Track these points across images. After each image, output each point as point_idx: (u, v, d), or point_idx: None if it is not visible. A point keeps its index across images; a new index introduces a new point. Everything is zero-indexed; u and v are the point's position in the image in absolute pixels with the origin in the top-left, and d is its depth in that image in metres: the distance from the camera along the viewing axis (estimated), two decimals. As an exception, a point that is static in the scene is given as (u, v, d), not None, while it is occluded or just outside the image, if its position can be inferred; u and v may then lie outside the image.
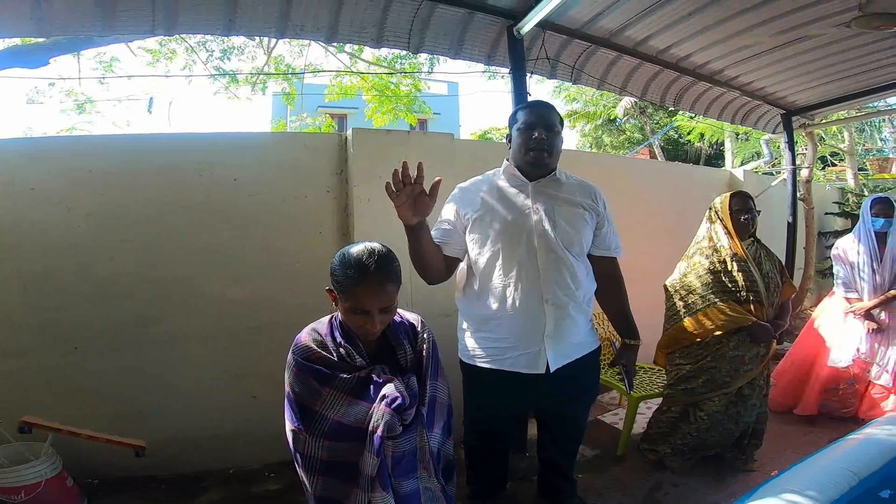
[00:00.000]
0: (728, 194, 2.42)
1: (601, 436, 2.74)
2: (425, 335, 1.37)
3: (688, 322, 2.32)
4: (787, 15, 2.69)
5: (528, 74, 2.90)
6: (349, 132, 2.53)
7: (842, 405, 2.86)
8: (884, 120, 9.14)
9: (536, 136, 1.60)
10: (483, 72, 8.56)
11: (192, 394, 2.35)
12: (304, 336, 1.29)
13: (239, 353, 2.40)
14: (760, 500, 1.43)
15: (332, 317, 1.32)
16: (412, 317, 1.41)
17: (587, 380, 1.77)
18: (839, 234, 6.14)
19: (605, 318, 2.96)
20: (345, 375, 1.22)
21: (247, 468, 2.38)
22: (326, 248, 2.46)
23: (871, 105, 5.31)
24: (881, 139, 9.22)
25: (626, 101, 11.29)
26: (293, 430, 1.24)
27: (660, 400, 2.56)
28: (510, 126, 1.73)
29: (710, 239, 2.39)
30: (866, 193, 6.52)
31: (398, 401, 1.17)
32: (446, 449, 1.39)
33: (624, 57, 3.25)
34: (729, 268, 2.29)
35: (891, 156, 8.26)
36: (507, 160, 1.72)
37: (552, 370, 1.59)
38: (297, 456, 1.24)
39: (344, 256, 1.22)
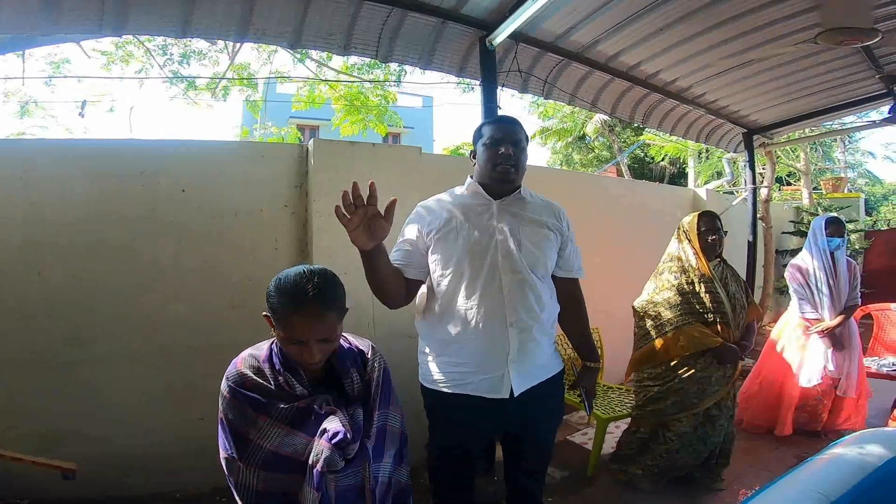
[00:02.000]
0: (696, 214, 2.42)
1: (570, 456, 2.70)
2: (375, 363, 1.28)
3: (658, 343, 2.31)
4: (751, 33, 2.77)
5: (500, 87, 2.87)
6: (310, 143, 2.43)
7: (811, 419, 2.90)
8: (835, 140, 9.66)
9: (503, 151, 1.55)
10: (458, 83, 8.59)
11: (132, 415, 2.21)
12: (240, 362, 1.20)
13: (183, 373, 2.27)
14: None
15: (273, 341, 1.22)
16: (362, 343, 1.32)
17: (552, 403, 1.70)
18: (795, 252, 6.39)
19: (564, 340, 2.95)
20: (282, 405, 1.13)
21: (196, 492, 2.24)
22: (282, 265, 2.30)
23: (825, 125, 5.57)
24: (836, 159, 9.75)
25: (597, 119, 11.57)
26: (226, 458, 1.15)
27: (629, 420, 2.52)
28: (475, 142, 1.67)
29: (679, 259, 2.39)
30: (821, 212, 6.83)
31: (339, 435, 1.08)
32: (399, 476, 1.31)
33: (595, 72, 3.28)
34: (697, 289, 2.29)
35: (843, 175, 8.72)
36: (471, 178, 1.66)
37: (516, 394, 1.53)
38: (232, 483, 1.15)
39: (280, 281, 1.12)
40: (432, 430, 1.70)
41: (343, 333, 1.24)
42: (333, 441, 1.07)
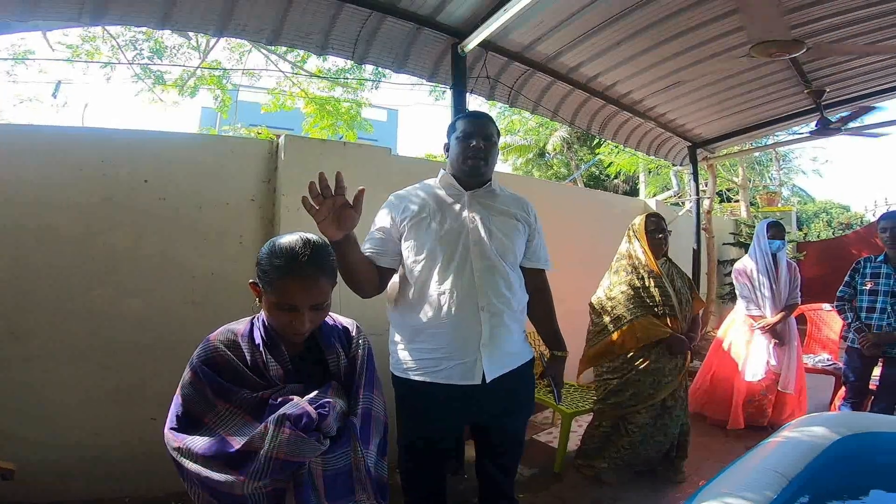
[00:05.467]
0: (644, 215, 2.59)
1: (536, 455, 2.73)
2: (360, 340, 1.25)
3: (615, 336, 2.42)
4: (697, 47, 2.99)
5: (469, 92, 2.97)
6: (281, 139, 2.40)
7: (757, 413, 3.08)
8: (771, 159, 10.48)
9: (474, 144, 1.61)
10: (431, 91, 8.66)
11: (74, 416, 2.08)
12: (215, 335, 1.13)
13: (133, 370, 2.15)
14: (701, 505, 1.43)
15: (255, 316, 1.18)
16: (347, 321, 1.29)
17: (523, 392, 1.74)
18: (735, 262, 6.80)
19: (535, 334, 3.02)
20: (245, 394, 1.06)
21: (147, 497, 2.11)
22: (247, 259, 2.31)
23: (760, 141, 6.02)
24: (770, 177, 10.57)
25: (557, 135, 11.99)
26: (173, 430, 1.07)
27: (591, 417, 2.61)
28: (449, 135, 1.72)
29: (630, 256, 2.54)
30: (756, 225, 7.32)
31: (304, 419, 1.01)
32: (380, 470, 1.25)
33: (558, 82, 3.43)
34: (647, 284, 2.44)
35: (777, 190, 9.45)
36: (444, 170, 1.72)
37: (488, 381, 1.54)
38: (174, 458, 1.05)
39: (274, 245, 1.10)
40: (403, 422, 1.68)
41: None
42: (301, 426, 1.00)
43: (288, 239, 1.10)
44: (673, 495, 2.29)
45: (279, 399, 1.06)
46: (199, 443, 1.01)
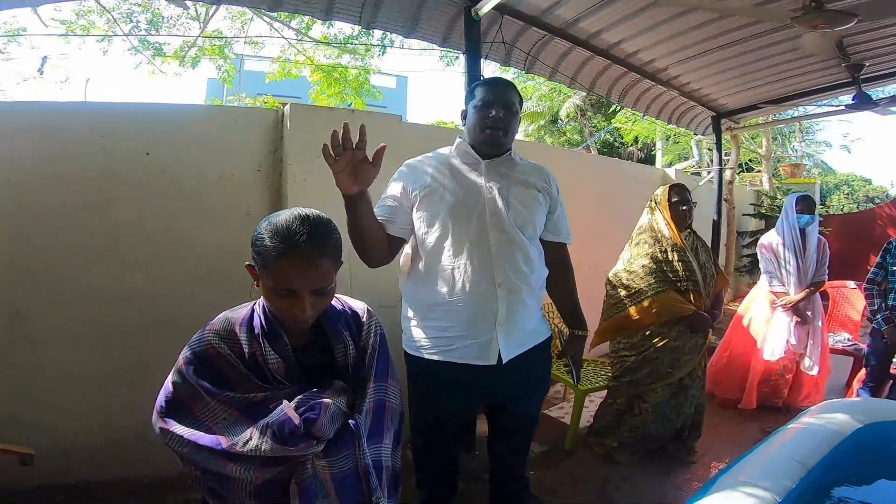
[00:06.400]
0: (667, 186, 2.46)
1: (548, 430, 2.72)
2: (372, 327, 1.14)
3: (632, 310, 2.34)
4: (729, 16, 2.78)
5: (483, 58, 2.82)
6: (287, 108, 2.31)
7: (773, 393, 3.02)
8: (793, 131, 10.10)
9: (493, 114, 1.51)
10: (441, 56, 8.41)
11: (83, 396, 2.07)
12: (211, 325, 1.05)
13: (139, 349, 2.11)
14: (719, 494, 1.40)
15: (257, 302, 1.08)
16: (357, 305, 1.18)
17: (540, 371, 1.69)
18: (754, 234, 6.64)
19: (552, 309, 2.96)
20: (236, 396, 0.99)
21: (164, 476, 2.10)
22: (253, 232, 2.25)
23: (787, 113, 5.77)
24: (792, 149, 10.21)
25: (570, 103, 11.65)
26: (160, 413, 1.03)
27: (604, 393, 2.57)
28: (467, 102, 1.62)
29: (652, 229, 2.42)
30: (779, 196, 7.11)
31: (287, 427, 0.94)
32: (395, 461, 1.18)
33: (576, 48, 3.26)
34: (669, 257, 2.33)
35: (800, 162, 9.15)
36: (461, 138, 1.62)
37: (504, 361, 1.49)
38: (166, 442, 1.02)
39: (270, 223, 0.98)
40: (415, 401, 1.65)
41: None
42: (286, 435, 0.94)
43: (284, 216, 0.98)
44: (684, 476, 2.27)
45: (271, 405, 0.99)
46: (186, 432, 0.97)
